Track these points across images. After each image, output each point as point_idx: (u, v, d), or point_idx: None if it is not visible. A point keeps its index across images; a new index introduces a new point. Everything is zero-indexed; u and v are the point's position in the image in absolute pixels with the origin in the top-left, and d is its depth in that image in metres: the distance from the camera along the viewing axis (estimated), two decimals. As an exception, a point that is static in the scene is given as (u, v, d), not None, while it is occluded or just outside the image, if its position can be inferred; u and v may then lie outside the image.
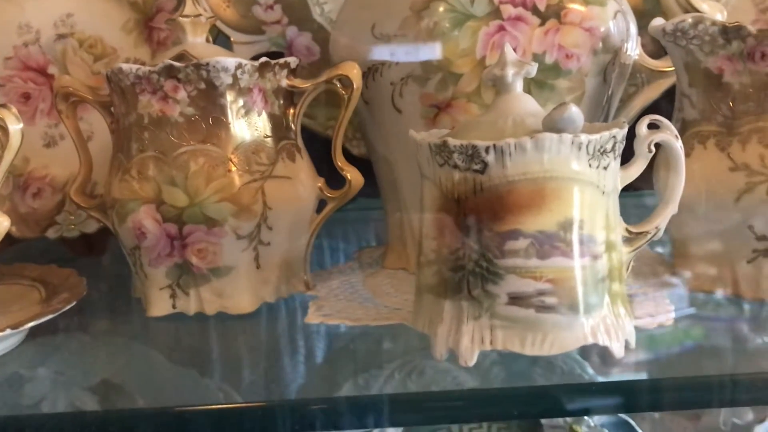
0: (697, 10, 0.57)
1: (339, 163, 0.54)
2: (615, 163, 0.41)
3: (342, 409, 0.39)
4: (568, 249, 0.39)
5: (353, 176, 0.53)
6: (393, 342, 0.45)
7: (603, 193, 0.40)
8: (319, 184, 0.54)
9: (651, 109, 0.65)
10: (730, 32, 0.47)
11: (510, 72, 0.42)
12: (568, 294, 0.39)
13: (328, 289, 0.55)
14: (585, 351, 0.41)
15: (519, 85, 0.43)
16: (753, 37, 0.46)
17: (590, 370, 0.41)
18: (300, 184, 0.52)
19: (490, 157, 0.39)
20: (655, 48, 0.62)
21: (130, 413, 0.40)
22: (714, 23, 0.47)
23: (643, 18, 0.58)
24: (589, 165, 0.39)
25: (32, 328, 0.46)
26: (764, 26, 0.76)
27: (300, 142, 0.54)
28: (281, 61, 0.51)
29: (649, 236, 0.44)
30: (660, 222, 0.44)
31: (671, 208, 0.44)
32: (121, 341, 0.51)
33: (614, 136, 0.40)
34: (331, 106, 0.72)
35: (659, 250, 0.58)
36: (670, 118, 0.46)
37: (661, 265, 0.56)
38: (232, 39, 0.70)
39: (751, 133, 0.46)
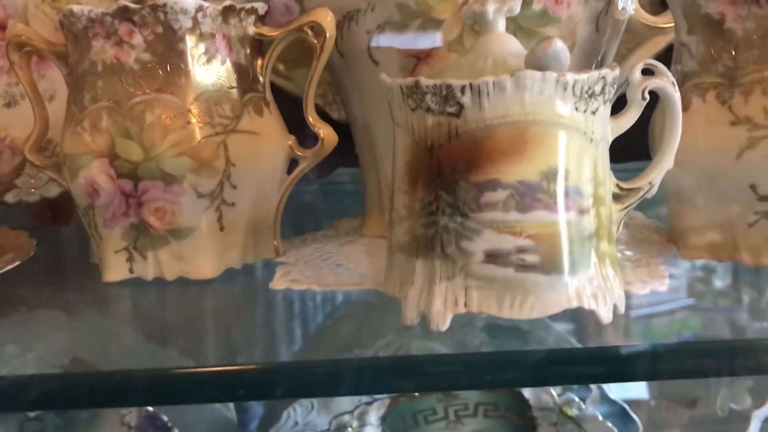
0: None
1: (311, 119, 0.50)
2: (605, 109, 0.37)
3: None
4: (551, 202, 0.35)
5: (326, 133, 0.50)
6: (365, 309, 0.42)
7: (591, 140, 0.36)
8: (290, 142, 0.50)
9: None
10: (733, -27, 0.43)
11: (491, 8, 0.38)
12: (551, 251, 0.36)
13: (298, 256, 0.51)
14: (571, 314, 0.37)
15: (501, 24, 0.39)
16: (758, -22, 0.42)
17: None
18: (267, 140, 0.48)
19: (466, 98, 0.35)
20: (651, 9, 0.58)
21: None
22: (716, -37, 0.43)
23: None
24: (576, 108, 0.36)
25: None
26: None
27: (269, 95, 0.50)
28: (247, 6, 0.48)
29: (641, 193, 0.40)
30: (653, 177, 0.40)
31: (666, 163, 0.40)
32: (74, 308, 0.47)
33: (604, 77, 0.36)
34: (308, 67, 0.69)
35: (652, 214, 0.55)
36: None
37: (654, 231, 0.52)
38: (205, -5, 0.66)
39: (755, 83, 0.43)
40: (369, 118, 0.53)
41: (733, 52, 0.44)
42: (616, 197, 0.40)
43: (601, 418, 0.63)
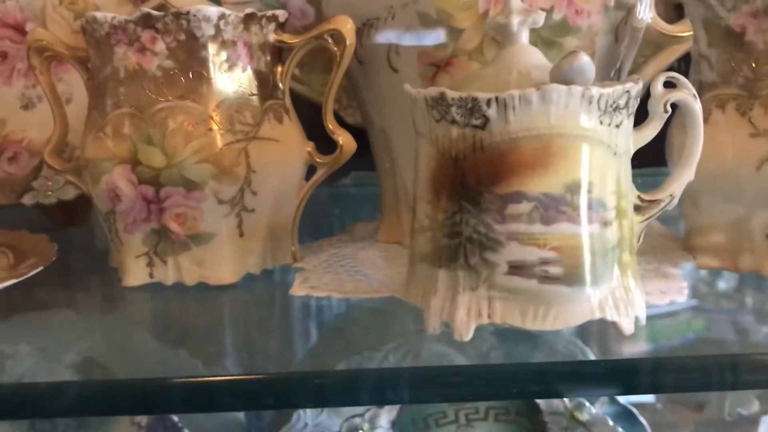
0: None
1: (330, 126, 0.50)
2: (628, 122, 0.37)
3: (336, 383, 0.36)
4: (575, 214, 0.36)
5: (345, 140, 0.50)
6: (384, 317, 0.42)
7: (615, 153, 0.37)
8: (309, 149, 0.50)
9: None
10: (754, -15, 0.43)
11: (515, 20, 0.38)
12: (575, 263, 0.36)
13: (316, 262, 0.51)
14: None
15: (525, 36, 0.39)
16: (780, -9, 0.43)
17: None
18: (287, 147, 0.48)
19: (492, 111, 0.35)
20: (668, 18, 0.58)
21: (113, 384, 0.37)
22: (737, -25, 0.43)
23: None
24: (601, 122, 0.36)
25: (3, 297, 0.43)
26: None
27: (288, 102, 0.50)
28: (268, 13, 0.48)
29: (663, 204, 0.40)
30: (675, 189, 0.40)
31: (687, 174, 0.40)
32: (94, 313, 0.47)
33: (628, 91, 0.36)
34: (326, 73, 0.69)
35: (669, 224, 0.55)
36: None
37: (672, 240, 0.52)
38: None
39: (775, 95, 0.43)
40: (386, 124, 0.53)
41: (754, 65, 0.44)
42: (638, 209, 0.40)
43: (611, 423, 0.64)
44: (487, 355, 0.38)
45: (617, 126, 0.36)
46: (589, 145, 0.36)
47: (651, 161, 0.49)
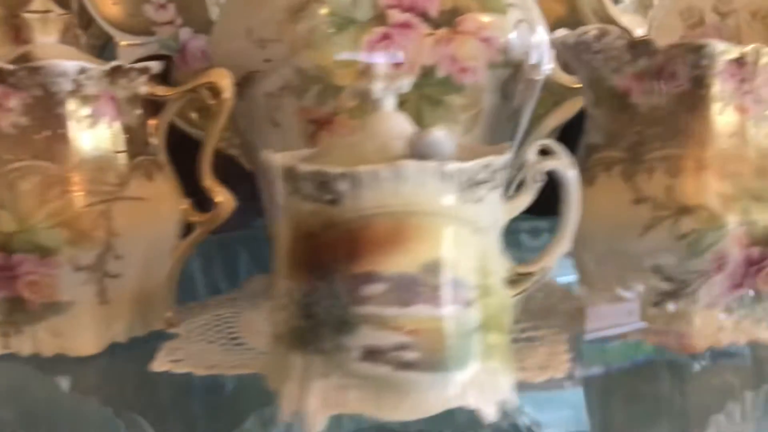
0: (614, 23, 0.52)
1: (207, 183, 0.47)
2: (493, 195, 0.35)
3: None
4: (433, 295, 0.33)
5: (223, 198, 0.47)
6: (241, 398, 0.39)
7: (477, 230, 0.35)
8: (183, 206, 0.47)
9: (572, 128, 0.60)
10: (637, 47, 0.41)
11: (378, 87, 0.36)
12: (433, 348, 0.33)
13: (192, 327, 0.48)
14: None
15: (390, 103, 0.37)
16: (662, 53, 0.41)
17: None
18: (158, 206, 0.45)
19: (343, 187, 0.33)
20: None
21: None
22: (620, 37, 0.41)
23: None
24: (459, 198, 0.33)
25: None
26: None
27: (162, 157, 0.47)
28: (138, 65, 0.45)
29: (536, 277, 0.38)
30: (548, 261, 0.38)
31: (562, 246, 0.39)
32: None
33: (487, 165, 0.34)
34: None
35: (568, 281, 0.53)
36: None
37: (566, 298, 0.51)
38: (115, 40, 0.63)
39: (659, 161, 0.41)
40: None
41: (638, 128, 0.42)
42: (511, 282, 0.38)
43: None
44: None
45: (478, 201, 0.34)
46: (447, 223, 0.34)
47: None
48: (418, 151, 0.33)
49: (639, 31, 0.55)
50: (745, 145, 0.41)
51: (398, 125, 0.36)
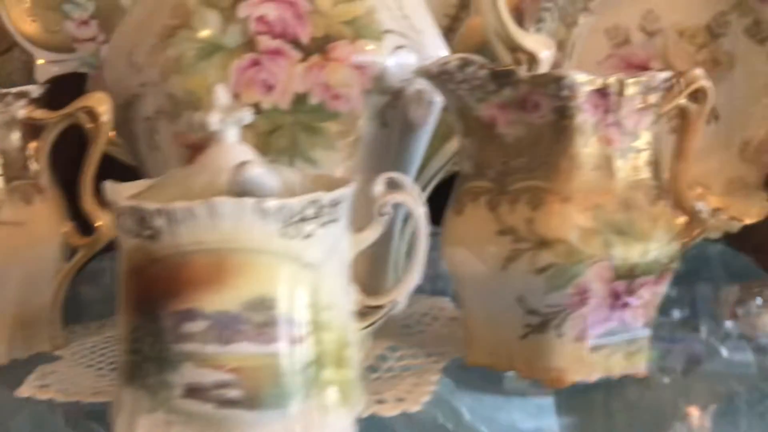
0: (516, 46, 0.51)
1: (88, 207, 0.47)
2: (325, 230, 0.34)
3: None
4: (255, 333, 0.33)
5: (104, 222, 0.47)
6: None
7: (306, 266, 0.34)
8: (65, 230, 0.47)
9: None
10: (500, 77, 0.41)
11: (214, 119, 0.36)
12: (255, 386, 0.33)
13: (79, 348, 0.49)
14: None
15: (232, 135, 0.37)
16: (525, 83, 0.40)
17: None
18: (35, 230, 0.46)
19: (161, 223, 0.33)
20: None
21: None
22: (483, 66, 0.41)
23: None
24: (284, 234, 0.33)
25: None
26: (618, 63, 0.71)
27: (44, 181, 0.47)
28: (14, 90, 0.45)
29: (385, 309, 0.38)
30: (398, 294, 0.38)
31: (412, 279, 0.38)
32: None
33: (314, 201, 0.34)
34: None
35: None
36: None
37: (456, 327, 0.50)
38: (34, 57, 0.63)
39: (521, 192, 0.41)
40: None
41: (505, 158, 0.42)
42: (360, 315, 0.38)
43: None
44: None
45: (307, 237, 0.34)
46: (271, 260, 0.33)
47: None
48: (237, 187, 0.33)
49: (546, 53, 0.54)
50: (609, 178, 0.41)
51: (239, 158, 0.36)
